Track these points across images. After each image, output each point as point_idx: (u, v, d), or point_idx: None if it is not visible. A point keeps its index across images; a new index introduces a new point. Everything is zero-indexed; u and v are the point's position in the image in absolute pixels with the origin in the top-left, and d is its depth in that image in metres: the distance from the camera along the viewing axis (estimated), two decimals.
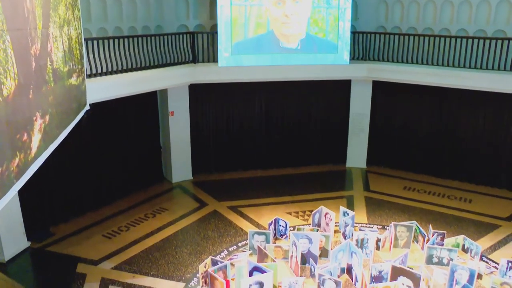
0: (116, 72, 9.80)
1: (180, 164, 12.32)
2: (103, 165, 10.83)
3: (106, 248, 8.93)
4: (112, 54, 9.75)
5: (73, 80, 6.95)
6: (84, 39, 8.35)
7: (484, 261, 8.60)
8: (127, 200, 11.03)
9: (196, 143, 12.47)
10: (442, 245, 8.64)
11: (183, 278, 8.00)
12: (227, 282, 7.42)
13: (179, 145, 12.15)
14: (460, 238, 8.78)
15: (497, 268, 8.15)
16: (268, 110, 13.22)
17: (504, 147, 11.83)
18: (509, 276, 7.75)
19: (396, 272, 7.21)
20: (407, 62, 12.11)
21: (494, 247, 9.20)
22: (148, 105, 11.93)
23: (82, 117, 7.76)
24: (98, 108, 9.11)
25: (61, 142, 6.19)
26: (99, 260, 8.52)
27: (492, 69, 10.96)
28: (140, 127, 11.66)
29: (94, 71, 9.25)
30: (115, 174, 11.13)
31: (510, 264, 7.77)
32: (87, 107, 8.20)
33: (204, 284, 7.59)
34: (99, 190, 10.77)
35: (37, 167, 4.96)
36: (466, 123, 12.25)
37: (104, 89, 9.12)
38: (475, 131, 12.15)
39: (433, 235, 8.73)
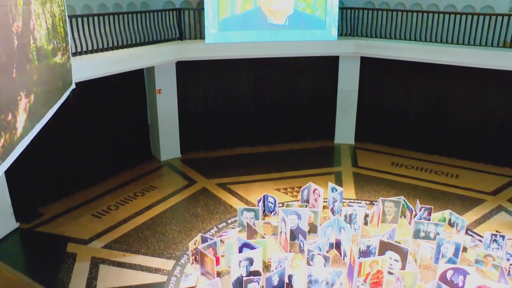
0: (101, 50, 9.67)
1: (168, 142, 12.27)
2: (91, 145, 10.75)
3: (96, 227, 8.93)
4: (97, 32, 9.60)
5: (58, 59, 6.85)
6: (68, 16, 8.20)
7: (469, 234, 8.75)
8: (115, 179, 10.99)
9: (184, 121, 12.41)
10: (429, 219, 8.77)
11: (173, 255, 8.05)
12: (217, 259, 7.48)
13: (167, 123, 12.08)
14: (447, 213, 8.91)
15: (481, 241, 8.30)
16: (256, 87, 13.16)
17: (491, 123, 11.92)
18: (492, 249, 7.90)
19: (384, 247, 7.30)
20: (395, 38, 12.08)
21: (479, 221, 9.35)
22: (135, 83, 11.81)
23: (68, 96, 7.66)
24: (84, 86, 9.00)
25: (48, 122, 6.13)
26: (89, 240, 8.53)
27: (480, 45, 10.96)
28: (127, 106, 11.57)
29: (79, 49, 9.10)
30: (103, 153, 11.07)
31: (493, 237, 7.92)
32: (73, 86, 8.10)
33: (194, 261, 7.65)
34: (88, 170, 10.70)
35: (24, 147, 4.91)
36: (453, 99, 12.30)
37: (90, 67, 9.00)
38: (462, 107, 12.21)
39: (420, 210, 8.84)
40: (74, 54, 8.78)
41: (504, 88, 11.55)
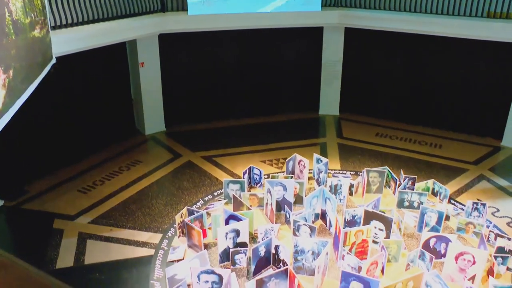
0: (81, 24, 9.44)
1: (153, 116, 12.17)
2: (74, 120, 10.62)
3: (82, 203, 8.89)
4: (77, 5, 9.37)
5: (36, 32, 6.69)
6: None
7: (452, 203, 8.90)
8: (100, 154, 10.89)
9: (168, 94, 12.29)
10: (413, 189, 8.88)
11: (160, 229, 8.08)
12: (204, 231, 7.53)
13: (150, 96, 11.96)
14: (430, 182, 9.03)
15: (463, 210, 8.45)
16: (240, 59, 13.05)
17: (474, 94, 12.00)
18: (474, 216, 8.06)
19: (369, 216, 7.40)
20: (379, 9, 12.00)
21: (461, 190, 9.51)
22: (117, 56, 11.62)
23: (49, 71, 7.53)
24: (65, 61, 8.84)
25: (29, 98, 6.03)
26: (76, 215, 8.50)
27: (465, 15, 10.95)
28: (109, 80, 11.41)
29: (58, 23, 8.89)
30: (86, 128, 10.95)
31: (475, 205, 8.07)
32: (54, 61, 7.95)
33: (181, 234, 7.69)
34: (71, 146, 10.59)
35: (4, 124, 4.84)
36: (437, 70, 12.33)
37: (70, 41, 8.80)
38: (446, 78, 12.26)
39: (404, 180, 8.95)
40: (53, 28, 8.57)
41: (488, 59, 11.60)
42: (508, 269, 6.91)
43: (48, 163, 10.03)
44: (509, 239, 7.46)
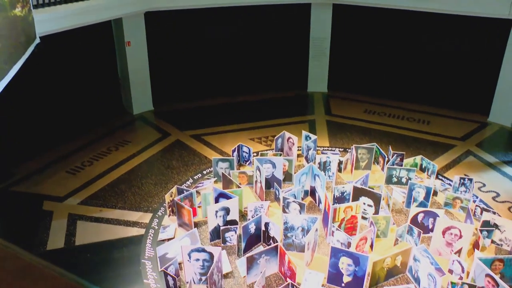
0: (65, 2, 9.24)
1: (140, 95, 12.04)
2: (61, 101, 10.51)
3: (71, 184, 8.83)
4: None
5: (18, 11, 6.55)
6: None
7: (439, 179, 8.99)
8: (88, 134, 10.77)
9: (155, 73, 12.16)
10: (401, 165, 8.95)
11: (150, 208, 8.07)
12: (194, 210, 7.54)
13: (138, 75, 11.81)
14: (418, 158, 9.10)
15: (450, 185, 8.55)
16: (227, 37, 12.93)
17: (461, 70, 12.03)
18: (461, 192, 8.16)
19: (358, 193, 7.45)
20: None
21: (449, 166, 9.60)
22: (103, 35, 11.44)
23: (33, 51, 7.40)
24: (50, 41, 8.68)
25: (14, 79, 5.93)
26: (65, 197, 8.44)
27: None
28: (96, 59, 11.26)
29: (41, 1, 8.70)
30: (74, 109, 10.84)
31: (462, 180, 8.16)
32: (38, 41, 7.80)
33: (171, 213, 7.70)
34: (59, 127, 10.48)
35: None
36: (425, 46, 12.32)
37: (54, 20, 8.63)
38: (434, 54, 12.26)
39: (392, 156, 9.00)
40: (36, 7, 8.38)
41: (475, 35, 11.60)
42: (492, 242, 7.04)
43: (35, 145, 9.94)
44: (494, 213, 7.60)
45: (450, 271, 6.43)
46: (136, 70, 11.73)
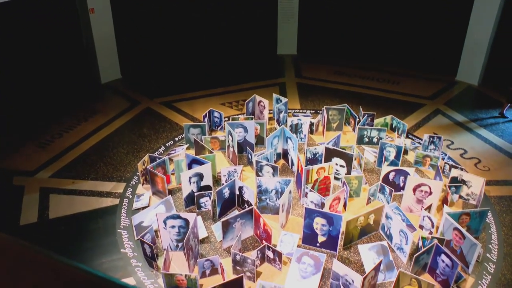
0: None
1: (107, 64, 11.71)
2: (24, 73, 10.15)
3: (41, 157, 8.62)
4: None
5: None
6: None
7: (409, 138, 9.14)
8: (55, 107, 10.49)
9: (122, 40, 11.83)
10: (372, 125, 9.04)
11: (123, 178, 7.99)
12: (167, 177, 7.50)
13: (103, 44, 11.45)
14: (388, 118, 9.20)
15: (420, 144, 8.71)
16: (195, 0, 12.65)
17: (429, 29, 12.09)
18: (430, 150, 8.32)
19: (330, 154, 7.52)
20: None
21: (419, 125, 9.75)
22: (64, 2, 11.00)
23: None
24: (6, 10, 8.30)
25: None
26: (35, 171, 8.24)
27: None
28: (58, 28, 10.84)
29: None
30: (38, 81, 10.48)
31: (431, 139, 8.32)
32: None
33: (144, 182, 7.65)
34: (24, 100, 10.15)
35: None
36: (393, 6, 12.30)
37: None
38: (402, 14, 12.27)
39: (363, 117, 9.07)
40: None
41: None
42: (460, 197, 7.25)
43: (0, 120, 9.62)
44: (462, 169, 7.78)
45: (421, 227, 6.62)
46: (102, 38, 11.37)
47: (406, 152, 8.39)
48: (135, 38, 12.23)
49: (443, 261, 5.65)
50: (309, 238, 6.32)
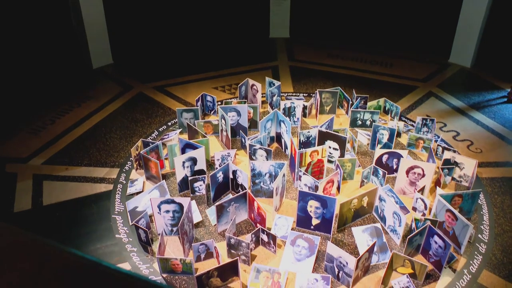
0: None
1: (99, 49, 11.56)
2: (13, 59, 10.02)
3: (33, 144, 8.54)
4: None
5: None
6: None
7: (403, 120, 9.16)
8: (47, 92, 10.37)
9: (113, 23, 11.67)
10: (365, 108, 9.05)
11: (117, 163, 7.97)
12: (161, 162, 7.49)
13: (94, 28, 11.28)
14: (382, 101, 9.21)
15: (413, 126, 8.73)
16: None
17: (422, 11, 12.04)
18: (423, 132, 8.35)
19: (323, 137, 7.52)
20: None
21: (412, 107, 9.76)
22: None
23: None
24: None
25: None
26: (28, 157, 8.18)
27: None
28: (45, 12, 10.68)
29: None
30: (29, 67, 10.36)
31: (424, 121, 8.34)
32: None
33: (138, 167, 7.63)
34: (14, 85, 10.04)
35: None
36: None
37: None
38: None
39: (356, 99, 9.07)
40: None
41: None
42: (453, 179, 7.29)
43: None
44: (454, 151, 7.83)
45: (414, 209, 6.67)
46: (92, 21, 11.20)
47: (399, 134, 8.41)
48: (127, 22, 12.08)
49: (435, 242, 5.71)
50: (303, 221, 6.35)
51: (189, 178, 6.89)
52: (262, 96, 9.64)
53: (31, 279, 1.38)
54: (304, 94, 10.16)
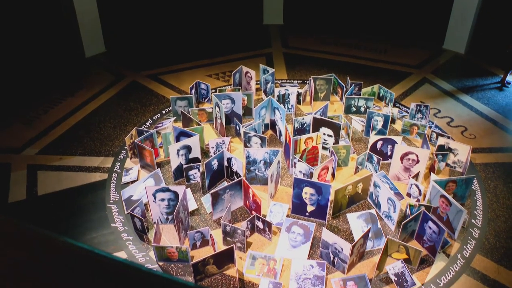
0: None
1: (91, 37, 11.45)
2: (6, 49, 9.93)
3: (26, 134, 8.48)
4: None
5: None
6: None
7: (397, 107, 9.16)
8: (39, 82, 10.29)
9: (105, 11, 11.56)
10: (359, 94, 9.04)
11: (111, 152, 7.94)
12: (155, 150, 7.47)
13: (86, 16, 11.15)
14: (376, 87, 9.20)
15: (407, 112, 8.74)
16: None
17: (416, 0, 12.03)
18: (417, 118, 8.36)
19: (318, 124, 7.52)
20: None
21: (406, 93, 9.76)
22: None
23: None
24: None
25: None
26: (22, 148, 8.12)
27: None
28: (37, 1, 10.60)
29: None
30: (21, 57, 10.25)
31: (418, 107, 8.34)
32: None
33: (132, 156, 7.61)
34: (6, 76, 9.95)
35: None
36: None
37: None
38: None
39: (350, 86, 9.06)
40: None
41: None
42: (447, 165, 7.33)
43: None
44: (448, 137, 7.85)
45: (408, 195, 6.70)
46: (84, 10, 11.08)
47: (393, 121, 8.42)
48: (119, 10, 11.97)
49: (430, 228, 5.74)
50: (298, 208, 6.37)
51: (184, 166, 6.88)
52: (256, 83, 9.61)
53: (23, 268, 1.37)
54: (298, 81, 10.14)
